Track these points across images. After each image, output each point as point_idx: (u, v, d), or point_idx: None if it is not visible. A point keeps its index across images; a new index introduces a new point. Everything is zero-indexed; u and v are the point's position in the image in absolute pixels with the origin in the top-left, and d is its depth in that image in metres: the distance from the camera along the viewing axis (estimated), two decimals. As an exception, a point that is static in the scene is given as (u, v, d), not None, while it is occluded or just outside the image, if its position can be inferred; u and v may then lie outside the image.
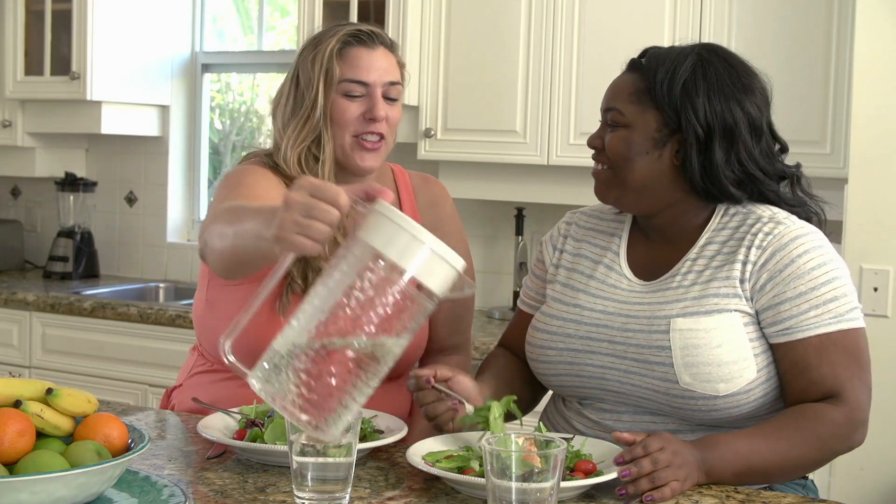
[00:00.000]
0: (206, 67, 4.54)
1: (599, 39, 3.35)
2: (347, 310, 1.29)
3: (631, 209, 1.84)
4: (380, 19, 3.60)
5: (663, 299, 1.75)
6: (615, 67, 1.83)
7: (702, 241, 1.78)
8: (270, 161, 2.01)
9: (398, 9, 3.55)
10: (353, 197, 1.33)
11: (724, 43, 3.18)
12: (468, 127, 3.56)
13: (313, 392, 1.29)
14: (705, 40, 3.22)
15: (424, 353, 2.17)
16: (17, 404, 1.40)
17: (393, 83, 1.98)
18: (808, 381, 1.67)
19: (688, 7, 3.25)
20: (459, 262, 1.31)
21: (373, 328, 1.29)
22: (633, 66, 1.82)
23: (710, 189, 1.75)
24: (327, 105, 1.95)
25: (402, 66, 2.03)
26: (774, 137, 1.83)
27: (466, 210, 3.94)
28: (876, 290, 2.77)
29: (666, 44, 3.24)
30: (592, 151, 1.83)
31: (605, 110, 1.82)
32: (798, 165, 1.86)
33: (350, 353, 1.29)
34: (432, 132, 3.60)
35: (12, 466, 1.34)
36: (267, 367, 1.32)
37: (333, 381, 1.29)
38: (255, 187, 1.90)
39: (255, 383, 1.32)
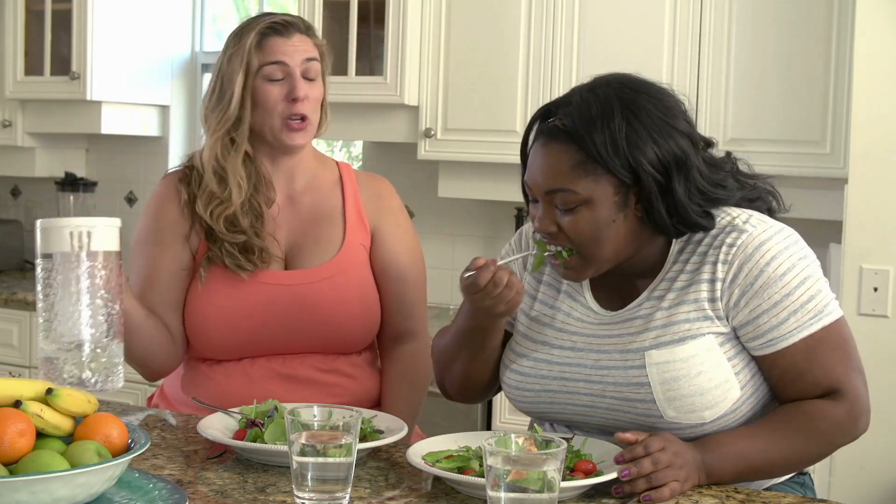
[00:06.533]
0: (206, 67, 4.54)
1: (599, 39, 3.35)
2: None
3: (605, 270, 1.74)
4: (380, 19, 3.60)
5: (632, 329, 1.70)
6: (615, 67, 1.80)
7: (667, 264, 1.73)
8: (182, 173, 2.15)
9: (398, 9, 3.55)
10: None
11: (723, 43, 3.21)
12: (468, 127, 3.57)
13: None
14: (705, 40, 3.23)
15: (380, 340, 2.23)
16: (17, 404, 1.39)
17: (310, 59, 2.10)
18: (802, 385, 1.66)
19: (688, 7, 3.25)
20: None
21: None
22: (552, 134, 1.68)
23: (679, 228, 1.68)
24: (246, 92, 2.06)
25: (320, 46, 2.14)
26: (702, 138, 1.74)
27: (466, 210, 3.94)
28: (876, 290, 2.77)
29: (665, 45, 3.27)
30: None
31: (549, 192, 1.67)
32: (729, 154, 1.79)
33: None
34: (432, 132, 3.60)
35: (12, 466, 1.34)
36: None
37: None
38: (159, 251, 2.10)
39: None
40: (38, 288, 1.70)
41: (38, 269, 1.71)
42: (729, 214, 1.71)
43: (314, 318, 2.08)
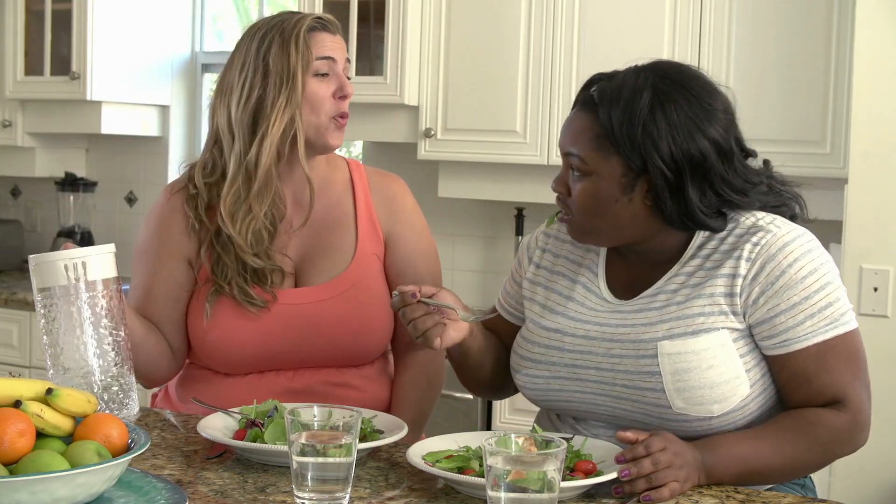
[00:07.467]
0: (206, 67, 4.55)
1: (599, 39, 3.36)
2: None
3: (611, 245, 1.79)
4: (380, 19, 3.60)
5: (646, 320, 1.70)
6: (615, 68, 1.80)
7: (685, 256, 1.74)
8: (186, 193, 2.04)
9: (398, 9, 3.55)
10: None
11: (723, 43, 3.21)
12: (468, 127, 3.57)
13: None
14: (705, 40, 3.24)
15: (395, 345, 2.17)
16: (17, 404, 1.39)
17: (348, 59, 2.07)
18: (808, 390, 1.66)
19: (688, 7, 3.26)
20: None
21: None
22: (587, 103, 1.73)
23: (688, 224, 1.70)
24: (305, 87, 1.98)
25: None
26: (743, 150, 1.75)
27: (466, 210, 3.94)
28: (876, 290, 2.77)
29: (666, 45, 3.27)
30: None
31: (566, 154, 1.74)
32: (766, 163, 1.81)
33: None
34: (432, 132, 3.60)
35: (12, 466, 1.34)
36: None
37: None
38: (156, 272, 2.04)
39: None
40: (41, 323, 1.68)
41: (38, 305, 1.70)
42: (753, 216, 1.72)
43: (327, 336, 2.01)
